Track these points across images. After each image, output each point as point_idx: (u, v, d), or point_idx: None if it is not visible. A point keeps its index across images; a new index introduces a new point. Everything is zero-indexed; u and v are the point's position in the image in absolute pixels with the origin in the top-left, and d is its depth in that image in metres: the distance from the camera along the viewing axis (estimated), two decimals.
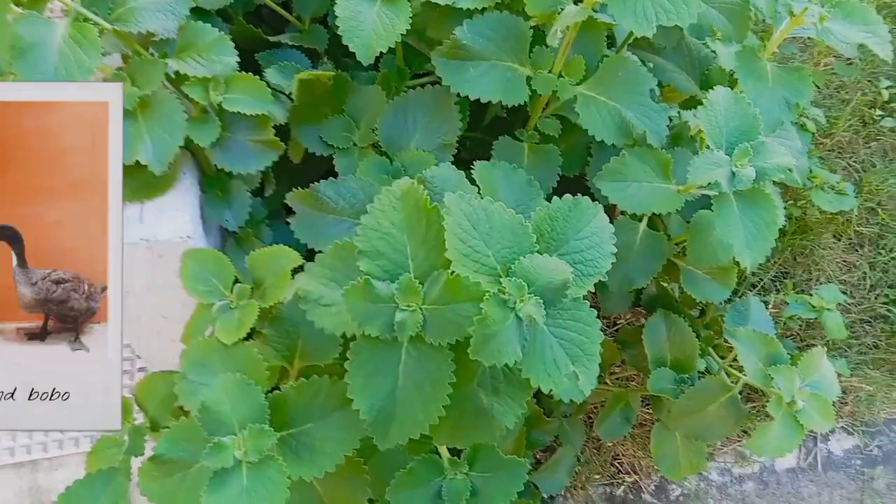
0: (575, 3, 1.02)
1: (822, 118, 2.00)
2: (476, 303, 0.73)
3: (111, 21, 0.96)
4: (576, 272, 0.79)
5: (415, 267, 0.78)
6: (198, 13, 1.12)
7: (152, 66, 0.97)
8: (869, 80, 2.27)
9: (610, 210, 1.32)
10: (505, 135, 1.18)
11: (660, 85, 1.16)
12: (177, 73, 0.99)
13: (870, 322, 1.89)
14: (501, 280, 0.75)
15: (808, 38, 1.20)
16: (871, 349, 1.86)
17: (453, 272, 0.74)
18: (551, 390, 0.76)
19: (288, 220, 1.07)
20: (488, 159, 1.10)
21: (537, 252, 0.77)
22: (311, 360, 0.96)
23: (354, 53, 1.00)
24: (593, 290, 0.84)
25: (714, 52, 1.30)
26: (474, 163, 1.01)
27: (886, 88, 2.24)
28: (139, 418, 1.12)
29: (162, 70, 0.97)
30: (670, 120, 1.15)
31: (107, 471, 1.03)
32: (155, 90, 0.97)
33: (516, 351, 0.73)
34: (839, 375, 1.46)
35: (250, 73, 1.06)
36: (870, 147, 2.15)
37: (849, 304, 1.88)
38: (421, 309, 0.75)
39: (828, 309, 1.52)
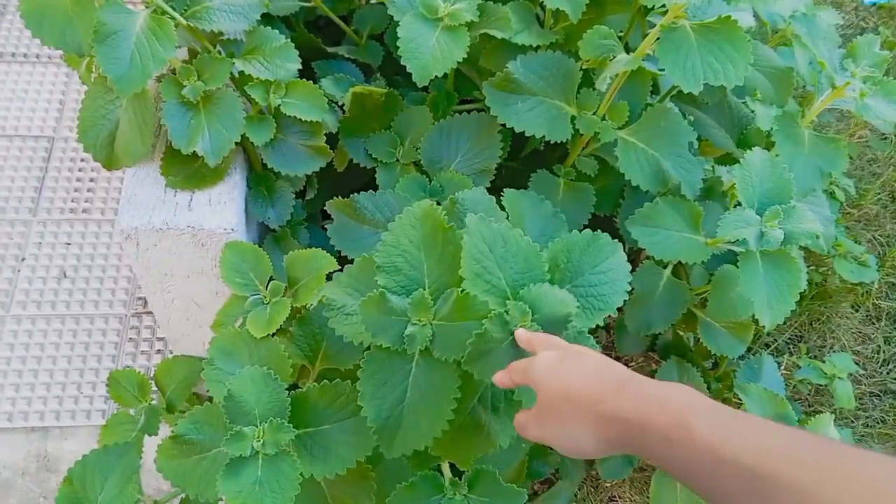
0: (626, 52, 1.06)
1: (852, 189, 2.02)
2: (481, 320, 0.76)
3: (186, 17, 1.01)
4: (587, 305, 0.81)
5: (429, 284, 0.81)
6: (264, 18, 1.18)
7: (220, 64, 1.01)
8: None
9: (636, 254, 1.35)
10: (542, 168, 1.22)
11: (698, 138, 1.19)
12: (241, 73, 1.04)
13: (879, 396, 1.88)
14: (507, 303, 0.77)
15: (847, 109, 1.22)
16: (878, 423, 1.85)
17: (464, 290, 0.77)
18: None
19: (324, 224, 1.11)
20: (523, 189, 1.14)
21: (548, 281, 0.79)
22: (333, 363, 0.99)
23: (406, 72, 1.04)
24: (609, 328, 0.86)
25: (753, 112, 1.34)
26: (504, 190, 1.04)
27: None
28: (156, 399, 1.15)
29: (228, 69, 1.02)
30: (704, 173, 1.18)
31: (122, 445, 1.05)
32: (219, 87, 1.01)
33: None
34: None
35: (310, 81, 1.10)
36: None
37: (860, 375, 1.88)
38: (431, 324, 0.78)
39: (839, 377, 1.52)
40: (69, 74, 2.00)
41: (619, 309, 0.84)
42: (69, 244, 1.73)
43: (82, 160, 1.88)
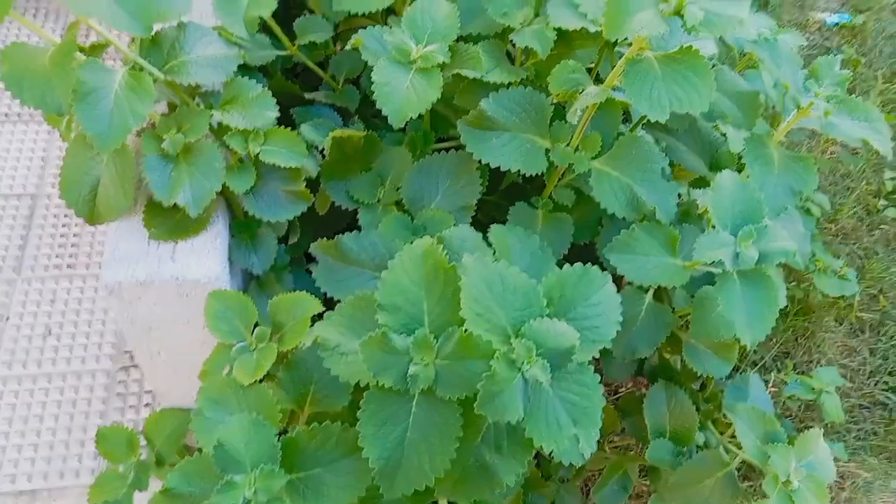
0: (598, 82, 1.09)
1: (827, 204, 2.06)
2: (486, 360, 0.77)
3: (164, 71, 1.03)
4: (582, 338, 0.82)
5: (430, 322, 0.82)
6: (241, 68, 1.20)
7: (198, 116, 1.03)
8: (873, 170, 2.34)
9: (617, 280, 1.37)
10: (521, 201, 1.24)
11: (671, 164, 1.22)
12: (220, 123, 1.06)
13: (868, 408, 1.90)
14: (511, 340, 0.79)
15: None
16: (869, 435, 1.86)
17: (466, 330, 0.78)
18: (552, 451, 0.79)
19: (309, 267, 1.12)
20: (503, 222, 1.15)
21: (547, 316, 0.81)
22: (321, 406, 0.99)
23: (384, 114, 1.06)
24: (597, 357, 0.88)
25: (724, 134, 1.37)
26: (491, 226, 1.06)
27: (890, 179, 2.31)
28: (144, 453, 1.14)
29: (207, 120, 1.03)
30: (679, 197, 1.21)
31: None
32: (199, 138, 1.03)
33: (519, 409, 0.77)
34: (837, 460, 1.47)
35: (288, 128, 1.12)
36: (873, 235, 2.20)
37: (848, 388, 1.89)
38: (434, 363, 0.79)
39: (826, 391, 1.53)
40: (51, 132, 2.02)
41: None
42: (54, 301, 1.72)
43: (66, 216, 1.88)
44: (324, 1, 1.35)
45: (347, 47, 1.19)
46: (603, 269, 0.90)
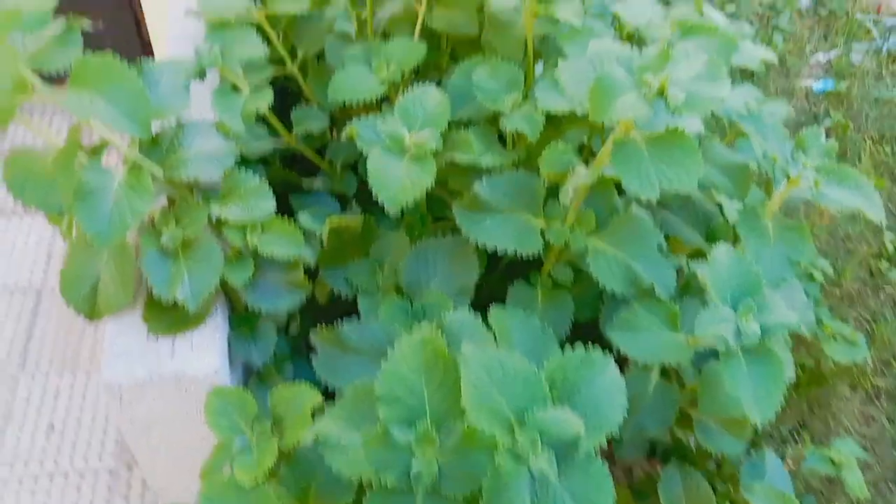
0: (592, 156, 1.11)
1: (829, 268, 2.05)
2: (490, 452, 0.75)
3: (164, 168, 1.05)
4: (587, 424, 0.80)
5: (431, 412, 0.81)
6: (240, 159, 1.22)
7: (197, 211, 1.05)
8: (873, 233, 2.34)
9: (623, 358, 1.35)
10: (520, 279, 1.24)
11: (667, 237, 1.22)
12: (218, 218, 1.07)
13: (894, 481, 1.83)
14: (515, 431, 0.77)
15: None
16: None
17: (469, 424, 0.77)
18: None
19: (310, 356, 1.11)
20: (503, 301, 1.15)
21: (550, 402, 0.80)
22: (325, 503, 0.96)
23: (379, 202, 1.07)
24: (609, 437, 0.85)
25: (720, 205, 1.38)
26: (490, 307, 1.06)
27: (891, 241, 2.30)
28: None
29: (205, 215, 1.05)
30: (680, 272, 1.20)
31: None
32: (197, 232, 1.04)
33: None
34: None
35: (285, 218, 1.14)
36: (879, 298, 2.18)
37: (871, 460, 1.83)
38: (437, 459, 0.77)
39: (847, 465, 1.47)
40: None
41: None
42: (58, 396, 1.70)
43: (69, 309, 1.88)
44: (319, 91, 1.40)
45: (343, 136, 1.22)
46: (606, 346, 0.89)
